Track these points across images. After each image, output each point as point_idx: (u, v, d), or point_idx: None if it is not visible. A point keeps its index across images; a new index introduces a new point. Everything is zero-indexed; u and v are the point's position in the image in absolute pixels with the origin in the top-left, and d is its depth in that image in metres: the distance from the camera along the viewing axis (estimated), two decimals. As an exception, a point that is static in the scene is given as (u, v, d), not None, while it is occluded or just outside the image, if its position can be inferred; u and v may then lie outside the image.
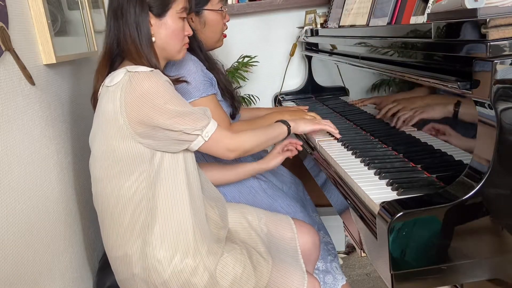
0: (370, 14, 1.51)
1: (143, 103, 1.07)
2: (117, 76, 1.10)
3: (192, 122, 1.11)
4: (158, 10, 1.18)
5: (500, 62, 0.80)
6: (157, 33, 1.20)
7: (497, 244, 0.88)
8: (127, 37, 1.17)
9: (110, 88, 1.10)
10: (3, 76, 1.04)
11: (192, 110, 1.13)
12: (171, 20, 1.20)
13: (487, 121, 0.84)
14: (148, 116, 1.07)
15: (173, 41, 1.22)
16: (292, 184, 1.71)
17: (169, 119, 1.09)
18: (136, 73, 1.09)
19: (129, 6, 1.16)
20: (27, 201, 1.07)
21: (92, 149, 1.17)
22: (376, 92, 1.42)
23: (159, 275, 1.13)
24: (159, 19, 1.19)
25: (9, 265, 0.96)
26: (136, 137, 1.09)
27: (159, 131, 1.09)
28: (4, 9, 1.07)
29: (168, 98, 1.09)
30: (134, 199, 1.12)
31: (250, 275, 1.18)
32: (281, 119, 1.37)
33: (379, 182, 1.06)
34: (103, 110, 1.11)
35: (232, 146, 1.20)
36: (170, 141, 1.12)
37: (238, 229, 1.34)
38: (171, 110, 1.09)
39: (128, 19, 1.16)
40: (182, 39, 1.24)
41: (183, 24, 1.23)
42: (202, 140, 1.14)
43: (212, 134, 1.15)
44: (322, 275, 1.52)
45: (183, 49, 1.27)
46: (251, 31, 2.35)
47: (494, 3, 0.87)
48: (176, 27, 1.21)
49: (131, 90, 1.07)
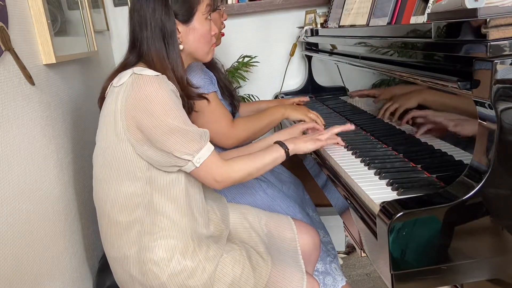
0: (370, 14, 1.51)
1: (142, 108, 1.04)
2: (124, 77, 1.09)
3: (185, 143, 1.06)
4: (185, 17, 1.16)
5: (500, 62, 0.79)
6: (185, 40, 1.17)
7: (497, 244, 0.88)
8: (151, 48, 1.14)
9: (115, 89, 1.09)
10: (3, 76, 1.04)
11: (188, 129, 1.07)
12: (199, 23, 1.18)
13: (487, 121, 0.84)
14: (144, 122, 1.04)
15: (202, 45, 1.20)
16: (292, 184, 1.71)
17: (162, 135, 1.04)
18: (140, 75, 1.06)
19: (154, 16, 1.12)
20: (27, 201, 1.07)
21: (95, 147, 1.16)
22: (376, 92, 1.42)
23: (156, 277, 1.12)
24: (186, 26, 1.17)
25: (9, 265, 0.96)
26: (133, 142, 1.07)
27: (151, 147, 1.06)
28: (4, 9, 1.07)
29: (167, 108, 1.04)
30: (131, 203, 1.11)
31: (249, 276, 1.18)
32: (279, 141, 1.25)
33: (379, 182, 1.06)
34: (107, 109, 1.10)
35: (220, 177, 1.12)
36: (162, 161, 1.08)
37: (239, 229, 1.34)
38: (167, 123, 1.04)
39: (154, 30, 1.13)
40: (210, 41, 1.22)
41: (210, 24, 1.21)
42: (193, 166, 1.09)
43: (204, 160, 1.09)
44: (322, 276, 1.52)
45: (212, 50, 1.25)
46: (251, 31, 2.35)
47: (494, 3, 0.87)
48: (203, 30, 1.19)
49: (133, 93, 1.05)
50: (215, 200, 1.32)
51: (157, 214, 1.12)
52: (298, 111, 1.56)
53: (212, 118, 1.38)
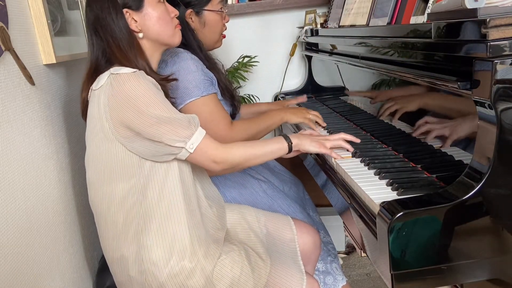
0: (370, 14, 1.51)
1: (125, 105, 1.04)
2: (102, 79, 1.09)
3: (174, 131, 1.06)
4: (135, 3, 1.15)
5: (500, 62, 0.79)
6: (144, 26, 1.17)
7: (497, 244, 0.88)
8: (111, 45, 1.14)
9: (96, 92, 1.09)
10: (3, 76, 1.04)
11: (175, 117, 1.08)
12: (151, 8, 1.17)
13: (487, 121, 0.84)
14: (130, 119, 1.05)
15: (162, 27, 1.19)
16: (292, 184, 1.71)
17: (150, 126, 1.05)
18: (117, 75, 1.06)
19: (104, 14, 1.13)
20: (26, 201, 1.07)
21: (86, 152, 1.16)
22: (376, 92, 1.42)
23: (155, 278, 1.12)
24: (140, 12, 1.16)
25: (9, 265, 0.96)
26: (122, 140, 1.07)
27: (142, 140, 1.07)
28: (4, 9, 1.07)
29: (150, 101, 1.05)
30: (126, 204, 1.11)
31: (248, 277, 1.18)
32: (284, 134, 1.26)
33: (379, 182, 1.06)
34: (91, 114, 1.11)
35: (218, 158, 1.13)
36: (154, 153, 1.09)
37: (237, 229, 1.33)
38: (152, 115, 1.04)
39: (107, 28, 1.14)
40: (171, 22, 1.21)
41: (165, 7, 1.20)
42: (187, 152, 1.09)
43: (198, 145, 1.10)
44: (322, 276, 1.52)
45: (177, 32, 1.23)
46: (251, 31, 2.35)
47: (494, 3, 0.87)
48: (159, 13, 1.18)
49: (113, 93, 1.05)
50: (211, 198, 1.32)
51: (152, 212, 1.12)
52: (297, 114, 1.55)
53: (211, 119, 1.38)
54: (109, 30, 1.14)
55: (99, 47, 1.16)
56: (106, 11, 1.13)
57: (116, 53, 1.14)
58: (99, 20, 1.14)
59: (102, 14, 1.14)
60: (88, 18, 1.17)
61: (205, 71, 1.43)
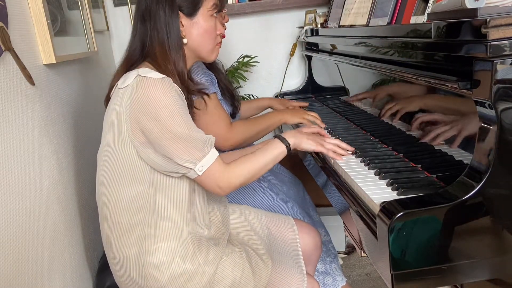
0: (370, 14, 1.51)
1: (146, 111, 1.03)
2: (129, 78, 1.08)
3: (187, 150, 1.05)
4: (189, 10, 1.16)
5: (501, 62, 0.79)
6: (188, 34, 1.17)
7: (497, 244, 0.88)
8: (154, 40, 1.14)
9: (120, 91, 1.09)
10: (3, 76, 1.04)
11: (192, 136, 1.06)
12: (203, 19, 1.17)
13: (487, 121, 0.84)
14: (148, 127, 1.03)
15: (206, 41, 1.19)
16: (292, 184, 1.71)
17: (164, 140, 1.03)
18: (145, 78, 1.05)
19: (158, 8, 1.13)
20: (26, 201, 1.07)
21: (100, 147, 1.16)
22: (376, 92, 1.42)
23: (156, 281, 1.12)
24: (190, 19, 1.16)
25: (9, 265, 0.96)
26: (137, 145, 1.07)
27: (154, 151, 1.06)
28: (4, 9, 1.07)
29: (171, 114, 1.03)
30: (133, 206, 1.11)
31: (248, 278, 1.17)
32: (279, 135, 1.23)
33: (379, 182, 1.06)
34: (112, 111, 1.10)
35: (222, 184, 1.10)
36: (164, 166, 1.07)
37: (239, 230, 1.33)
38: (171, 130, 1.03)
39: (157, 22, 1.13)
40: (215, 39, 1.21)
41: (215, 22, 1.20)
42: (195, 174, 1.08)
43: (207, 168, 1.08)
44: (322, 276, 1.52)
45: (216, 50, 1.24)
46: (251, 31, 2.35)
47: (494, 3, 0.87)
48: (208, 26, 1.18)
49: (137, 96, 1.04)
50: (216, 202, 1.32)
51: (159, 217, 1.12)
52: (295, 115, 1.56)
53: (211, 119, 1.38)
54: (157, 25, 1.13)
55: (140, 37, 1.16)
56: (161, 5, 1.13)
57: (156, 49, 1.13)
58: (150, 11, 1.14)
59: (156, 6, 1.13)
60: (140, 5, 1.17)
61: (205, 71, 1.43)
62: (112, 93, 1.14)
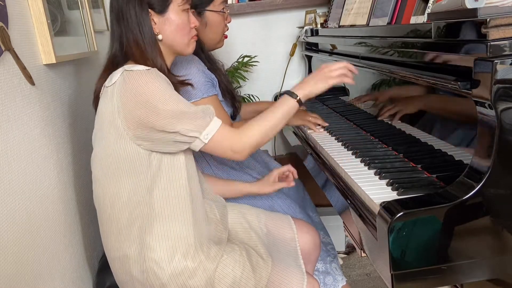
0: (370, 14, 1.51)
1: (138, 103, 1.04)
2: (115, 75, 1.09)
3: (189, 121, 1.07)
4: (159, 7, 1.16)
5: (500, 62, 0.79)
6: (162, 30, 1.18)
7: (497, 244, 0.88)
8: (130, 40, 1.15)
9: (108, 89, 1.10)
10: (3, 76, 1.03)
11: (190, 109, 1.08)
12: (174, 15, 1.18)
13: (487, 121, 0.84)
14: (143, 116, 1.05)
15: (180, 36, 1.20)
16: (292, 184, 1.70)
17: (163, 119, 1.05)
18: (131, 72, 1.07)
19: (129, 7, 1.15)
20: (26, 201, 1.07)
21: (94, 149, 1.16)
22: (376, 92, 1.42)
23: (157, 278, 1.12)
24: (162, 16, 1.17)
25: (9, 265, 0.96)
26: (134, 138, 1.07)
27: (156, 133, 1.07)
28: (4, 9, 1.07)
29: (163, 97, 1.05)
30: (131, 202, 1.11)
31: (249, 276, 1.18)
32: (287, 91, 1.22)
33: (379, 182, 1.06)
34: (102, 110, 1.11)
35: (236, 147, 1.12)
36: (167, 143, 1.09)
37: (238, 229, 1.33)
38: (166, 110, 1.05)
39: (129, 22, 1.15)
40: (189, 32, 1.22)
41: (187, 16, 1.21)
42: (201, 143, 1.09)
43: (213, 135, 1.10)
44: (322, 276, 1.52)
45: (192, 43, 1.24)
46: (251, 31, 2.35)
47: (494, 3, 0.87)
48: (180, 21, 1.19)
49: (126, 90, 1.05)
50: (214, 200, 1.32)
51: (158, 212, 1.12)
52: (297, 117, 1.57)
53: None
54: (129, 25, 1.15)
55: (118, 38, 1.18)
56: (131, 4, 1.14)
57: (133, 48, 1.15)
58: (122, 12, 1.15)
59: (127, 6, 1.15)
60: (113, 6, 1.19)
61: (206, 73, 1.43)
62: (101, 94, 1.15)
